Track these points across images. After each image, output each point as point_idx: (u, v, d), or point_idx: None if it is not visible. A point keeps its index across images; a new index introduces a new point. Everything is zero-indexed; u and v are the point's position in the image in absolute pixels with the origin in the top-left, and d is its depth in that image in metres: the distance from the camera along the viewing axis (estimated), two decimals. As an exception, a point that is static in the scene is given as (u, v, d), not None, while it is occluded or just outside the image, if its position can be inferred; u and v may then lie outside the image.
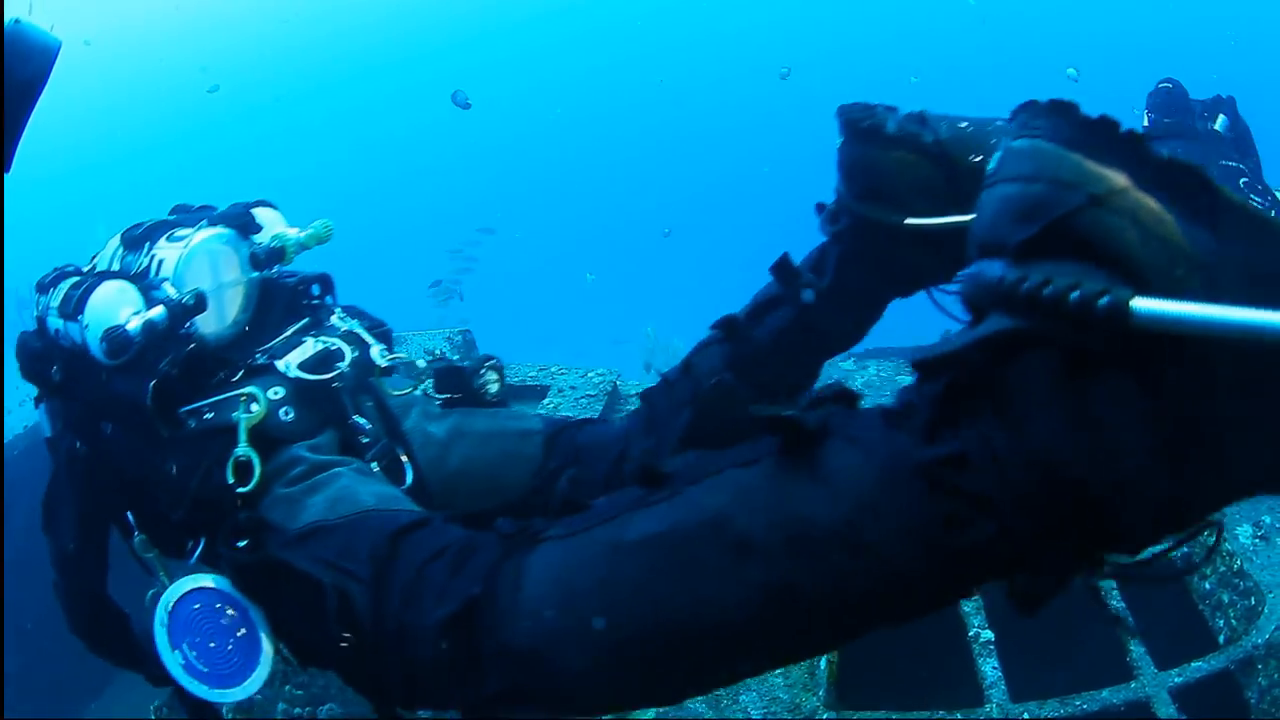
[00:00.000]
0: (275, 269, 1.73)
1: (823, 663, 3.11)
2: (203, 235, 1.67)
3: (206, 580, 1.44)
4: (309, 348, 1.62)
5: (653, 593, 0.95)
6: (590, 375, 4.71)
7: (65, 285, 1.60)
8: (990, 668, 3.28)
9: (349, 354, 1.62)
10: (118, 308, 1.52)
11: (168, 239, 1.66)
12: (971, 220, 0.94)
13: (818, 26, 37.22)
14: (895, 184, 1.28)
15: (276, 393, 1.52)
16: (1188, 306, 0.74)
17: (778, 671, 3.13)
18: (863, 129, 1.32)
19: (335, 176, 37.69)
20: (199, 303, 1.53)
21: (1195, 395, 0.77)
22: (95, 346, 1.50)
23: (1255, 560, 3.92)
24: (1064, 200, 0.80)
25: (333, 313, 1.78)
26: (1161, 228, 0.77)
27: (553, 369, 4.80)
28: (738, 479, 0.97)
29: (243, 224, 1.73)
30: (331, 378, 1.57)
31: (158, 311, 1.51)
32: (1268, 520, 4.19)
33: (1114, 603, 3.63)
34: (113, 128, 45.30)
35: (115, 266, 1.68)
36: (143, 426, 1.48)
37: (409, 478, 1.68)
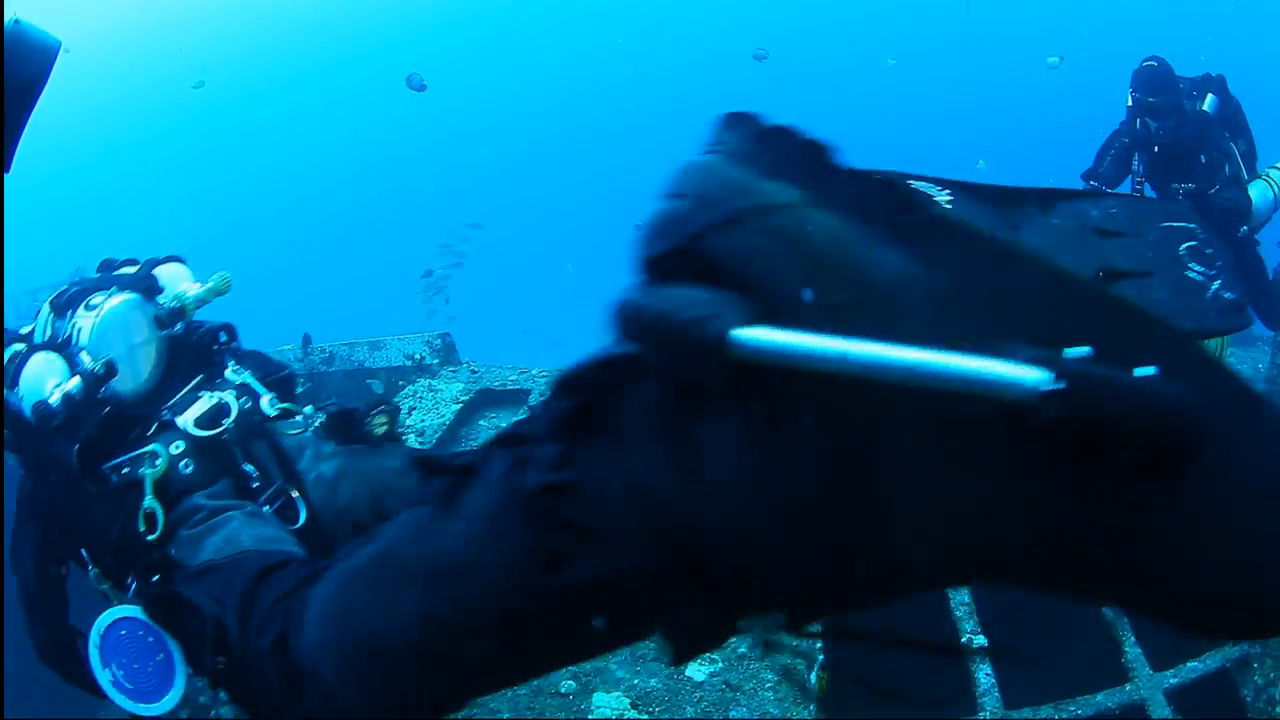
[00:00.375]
0: (180, 325, 1.93)
1: (813, 676, 3.02)
2: (112, 303, 1.83)
3: (132, 610, 1.65)
4: (204, 404, 1.80)
5: (362, 616, 1.03)
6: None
7: (8, 355, 1.79)
8: (984, 674, 3.20)
9: (235, 409, 1.80)
10: (44, 380, 1.70)
11: (85, 307, 1.82)
12: None
13: (794, 7, 36.96)
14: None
15: (177, 447, 1.72)
16: (790, 337, 0.66)
17: (768, 685, 3.05)
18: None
19: (326, 173, 37.55)
20: (109, 370, 1.70)
21: (812, 440, 0.69)
22: (29, 415, 1.68)
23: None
24: (697, 218, 0.74)
25: (227, 366, 1.95)
26: (830, 248, 0.70)
27: (534, 372, 4.70)
28: (414, 513, 1.00)
29: (147, 287, 1.90)
30: (219, 433, 1.77)
31: (74, 383, 1.68)
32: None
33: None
34: (96, 128, 45.01)
35: (47, 333, 1.84)
36: (74, 482, 1.69)
37: (302, 515, 1.84)
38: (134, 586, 1.67)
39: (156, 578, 1.61)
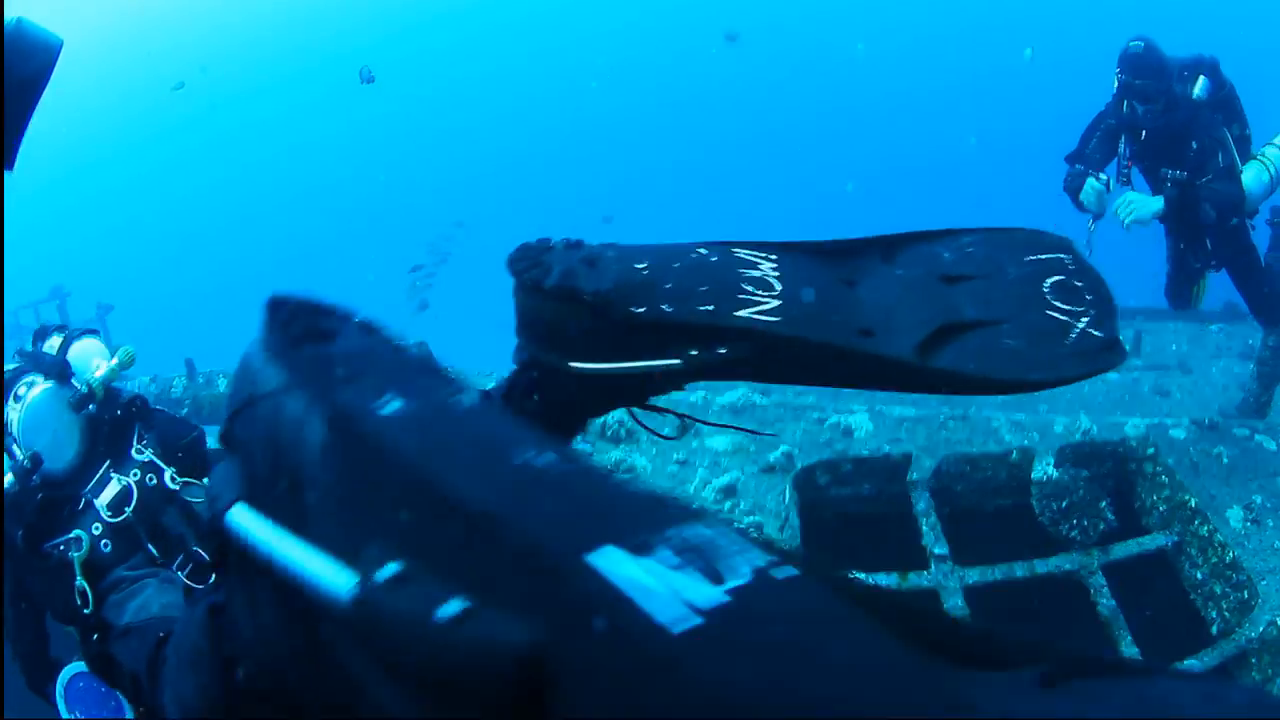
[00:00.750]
0: (93, 406, 2.12)
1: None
2: (33, 394, 2.05)
3: (84, 666, 1.95)
4: (113, 488, 2.03)
5: (171, 685, 1.12)
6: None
7: None
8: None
9: (135, 495, 2.02)
10: None
11: (14, 399, 2.04)
12: (631, 366, 1.06)
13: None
14: (558, 331, 1.24)
15: (97, 529, 1.98)
16: (254, 525, 0.72)
17: None
18: (525, 282, 1.26)
19: (315, 172, 37.28)
20: (35, 462, 1.94)
21: (271, 608, 0.78)
22: None
23: (1247, 545, 3.79)
24: (229, 404, 0.83)
25: (133, 444, 2.14)
26: (297, 433, 0.74)
27: (509, 384, 4.58)
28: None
29: (60, 372, 2.11)
30: (125, 518, 2.00)
31: (8, 480, 1.94)
32: (1258, 500, 4.05)
33: (1104, 602, 3.48)
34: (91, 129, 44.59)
35: None
36: (22, 557, 1.97)
37: (213, 575, 2.09)
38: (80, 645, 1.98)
39: (95, 636, 1.91)
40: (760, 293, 1.21)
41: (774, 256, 1.30)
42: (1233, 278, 4.70)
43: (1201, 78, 4.44)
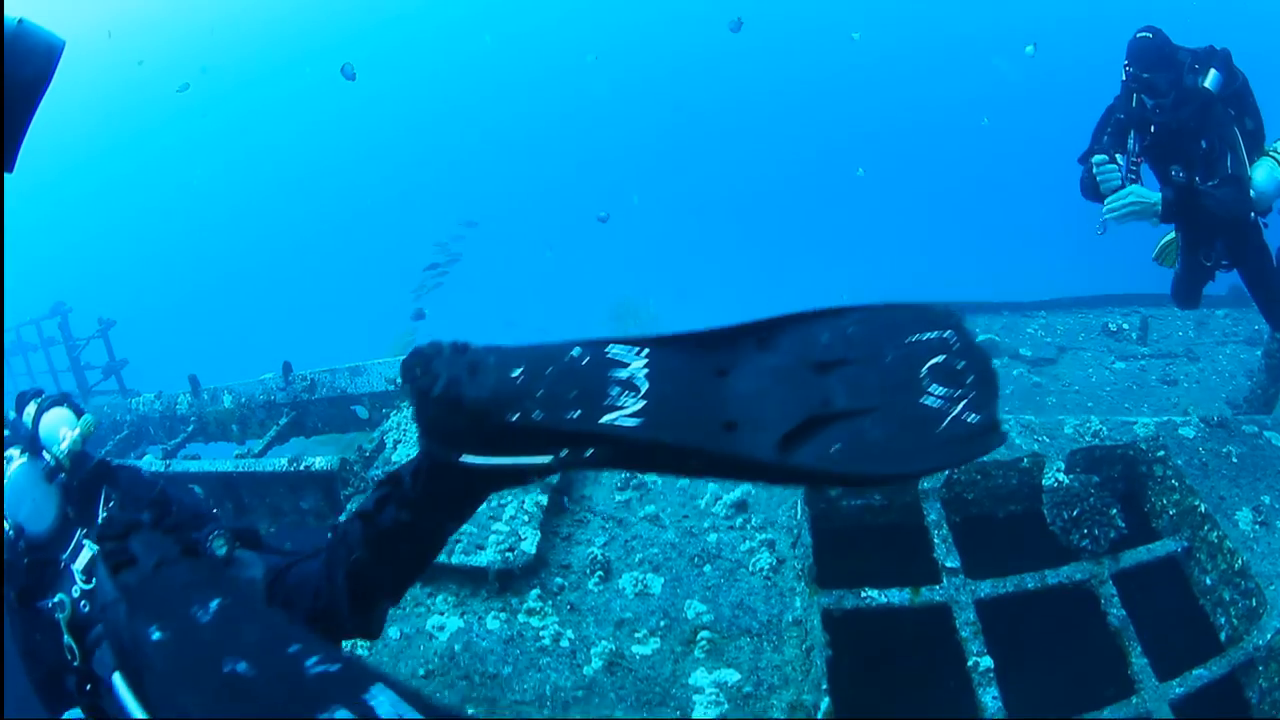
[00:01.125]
0: (63, 475, 2.32)
1: (820, 712, 2.96)
2: (11, 469, 2.27)
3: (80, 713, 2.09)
4: (85, 555, 2.19)
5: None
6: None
7: None
8: (990, 697, 3.14)
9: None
10: None
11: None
12: (511, 462, 1.26)
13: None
14: (447, 429, 1.39)
15: (76, 591, 2.15)
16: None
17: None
18: (416, 389, 1.41)
19: (317, 179, 37.07)
20: (18, 532, 2.15)
21: None
22: None
23: (1256, 549, 3.80)
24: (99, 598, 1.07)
25: (100, 509, 2.32)
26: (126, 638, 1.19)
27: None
28: None
29: (32, 445, 2.33)
30: (95, 585, 2.13)
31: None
32: (1267, 501, 4.06)
33: (1115, 612, 3.49)
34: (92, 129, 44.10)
35: None
36: (18, 615, 2.16)
37: None
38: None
39: (88, 687, 2.05)
40: (625, 395, 1.29)
41: (646, 352, 1.36)
42: (1244, 279, 4.59)
43: (1213, 70, 4.20)
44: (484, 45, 40.69)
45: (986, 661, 3.25)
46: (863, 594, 3.34)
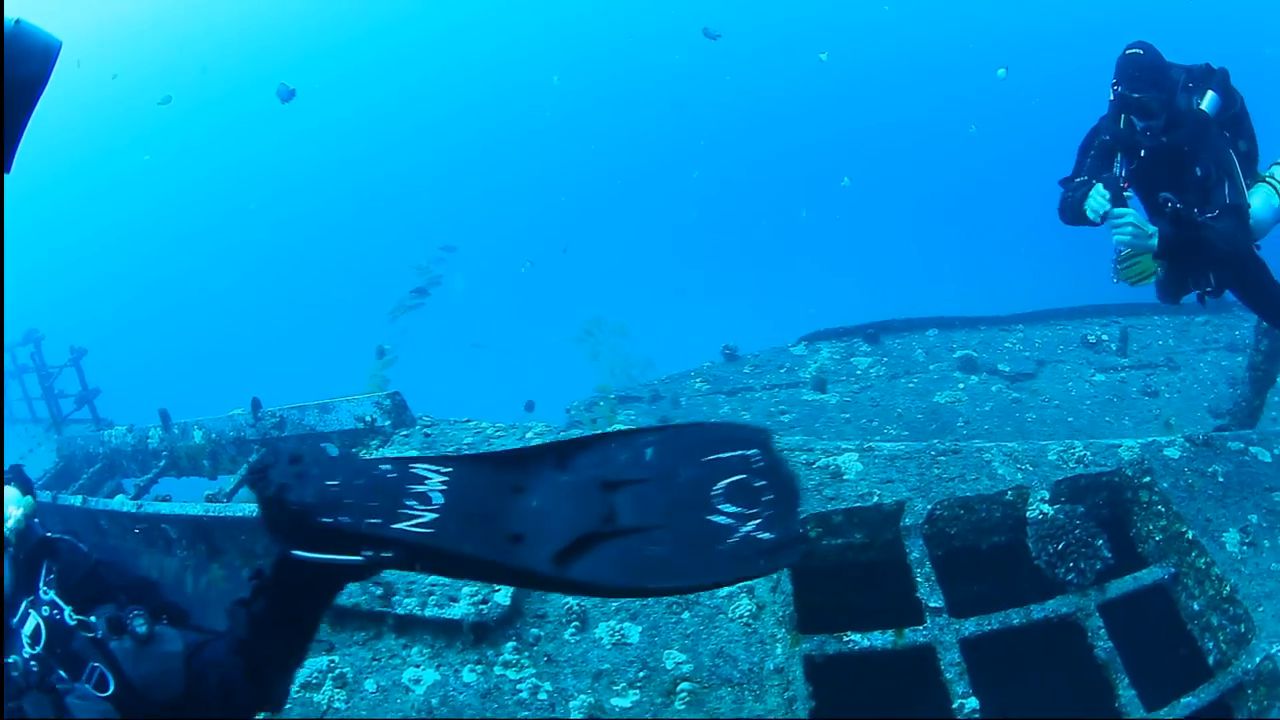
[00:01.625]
0: (10, 549, 2.30)
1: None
2: None
3: None
4: (31, 621, 2.19)
5: None
6: (528, 435, 4.40)
7: None
8: (977, 738, 3.06)
9: (44, 633, 2.18)
10: None
11: None
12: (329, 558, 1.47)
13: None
14: (279, 527, 1.58)
15: (25, 653, 2.16)
16: None
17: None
18: (254, 490, 1.57)
19: (296, 203, 36.91)
20: None
21: None
22: None
23: (1244, 570, 3.74)
24: None
25: (40, 582, 2.28)
26: None
27: (487, 430, 4.49)
28: None
29: None
30: (40, 650, 2.16)
31: None
32: (1254, 520, 4.00)
33: (1101, 644, 3.43)
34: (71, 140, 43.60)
35: None
36: None
37: (111, 686, 2.22)
38: None
39: None
40: (419, 507, 1.47)
41: (448, 469, 1.54)
42: (1239, 297, 4.27)
43: (1210, 92, 3.84)
44: (481, 59, 40.66)
45: (972, 703, 3.18)
46: (845, 638, 3.26)
